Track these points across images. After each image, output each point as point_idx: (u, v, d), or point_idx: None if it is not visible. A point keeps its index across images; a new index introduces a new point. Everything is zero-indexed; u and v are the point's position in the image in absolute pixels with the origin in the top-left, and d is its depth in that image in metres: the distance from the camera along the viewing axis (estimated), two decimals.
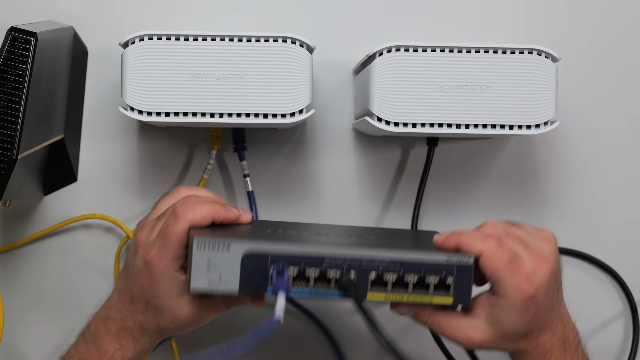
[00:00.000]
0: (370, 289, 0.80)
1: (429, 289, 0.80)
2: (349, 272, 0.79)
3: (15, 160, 0.86)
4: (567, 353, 0.85)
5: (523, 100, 0.94)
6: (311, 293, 0.80)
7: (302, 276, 0.80)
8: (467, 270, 0.80)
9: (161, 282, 0.83)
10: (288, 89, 0.92)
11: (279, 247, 0.79)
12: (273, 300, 0.78)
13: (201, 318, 0.85)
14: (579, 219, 1.08)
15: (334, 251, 0.80)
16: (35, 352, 1.06)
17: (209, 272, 0.79)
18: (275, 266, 0.79)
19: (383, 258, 0.80)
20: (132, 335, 0.86)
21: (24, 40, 0.87)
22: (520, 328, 0.82)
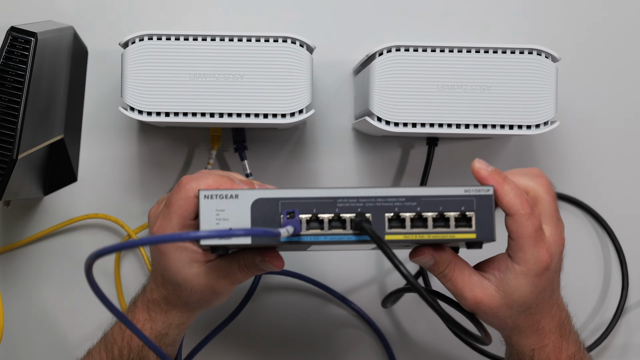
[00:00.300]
0: (388, 229, 0.77)
1: (450, 224, 0.78)
2: (364, 214, 0.77)
3: (15, 160, 0.86)
4: (563, 337, 0.85)
5: (523, 100, 0.94)
6: (327, 238, 0.77)
7: (316, 221, 0.77)
8: (488, 201, 0.77)
9: (169, 253, 0.82)
10: (288, 89, 0.92)
11: (290, 192, 0.77)
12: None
13: (219, 289, 0.83)
14: (579, 219, 1.08)
15: (346, 192, 0.77)
16: (36, 352, 1.06)
17: (218, 225, 0.76)
18: (285, 212, 0.76)
19: (398, 195, 0.77)
20: (160, 308, 0.85)
21: (24, 40, 0.87)
22: (527, 300, 0.81)
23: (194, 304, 0.85)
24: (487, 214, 0.78)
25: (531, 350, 0.84)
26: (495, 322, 0.84)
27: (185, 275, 0.82)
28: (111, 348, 0.88)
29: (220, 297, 0.86)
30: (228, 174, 0.84)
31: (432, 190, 0.78)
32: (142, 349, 0.87)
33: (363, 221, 0.76)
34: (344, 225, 0.77)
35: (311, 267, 1.07)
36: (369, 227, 0.75)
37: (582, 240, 1.08)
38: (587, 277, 1.08)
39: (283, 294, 1.07)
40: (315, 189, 0.77)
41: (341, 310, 1.08)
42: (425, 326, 1.08)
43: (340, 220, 0.77)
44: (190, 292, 0.84)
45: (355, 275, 1.07)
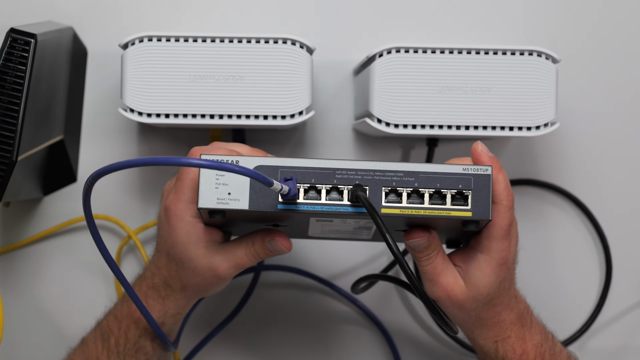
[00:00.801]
0: (385, 202, 0.78)
1: (446, 201, 0.78)
2: (361, 186, 0.78)
3: (15, 161, 0.86)
4: (525, 327, 0.86)
5: (523, 101, 0.94)
6: (323, 208, 0.78)
7: (314, 190, 0.78)
8: (485, 180, 0.78)
9: (179, 228, 0.83)
10: (288, 90, 0.92)
11: (290, 161, 0.78)
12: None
13: (221, 272, 0.84)
14: (580, 220, 1.08)
15: (345, 164, 0.78)
16: (36, 352, 1.06)
17: (217, 189, 0.77)
18: (283, 178, 0.77)
19: (397, 170, 0.78)
20: (158, 294, 0.86)
21: (23, 42, 0.87)
22: (491, 291, 0.83)
23: (192, 288, 0.85)
24: (484, 193, 0.78)
25: (494, 343, 0.86)
26: (459, 315, 0.85)
27: (190, 254, 0.83)
28: (107, 338, 0.89)
29: (219, 283, 0.86)
30: (238, 147, 0.85)
31: (431, 167, 0.78)
32: (138, 339, 0.88)
33: (359, 191, 0.77)
34: (341, 197, 0.78)
35: (314, 264, 1.07)
36: (363, 196, 0.76)
37: (577, 239, 1.08)
38: (583, 277, 1.08)
39: (285, 291, 1.07)
40: (315, 160, 0.78)
41: (344, 307, 1.08)
42: (428, 322, 1.08)
43: (338, 191, 0.78)
44: (192, 273, 0.84)
45: (359, 272, 1.07)
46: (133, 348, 0.88)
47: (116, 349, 0.88)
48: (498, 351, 0.86)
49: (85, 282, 1.06)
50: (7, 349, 1.05)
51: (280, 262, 1.07)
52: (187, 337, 1.06)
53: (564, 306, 1.08)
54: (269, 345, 1.07)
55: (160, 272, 0.86)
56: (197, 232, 0.83)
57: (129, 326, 0.88)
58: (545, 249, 1.08)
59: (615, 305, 1.08)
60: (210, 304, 1.07)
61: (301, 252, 1.07)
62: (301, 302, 1.08)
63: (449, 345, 1.08)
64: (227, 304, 1.06)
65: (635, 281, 1.08)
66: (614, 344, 1.09)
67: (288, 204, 0.78)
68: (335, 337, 1.08)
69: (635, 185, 1.08)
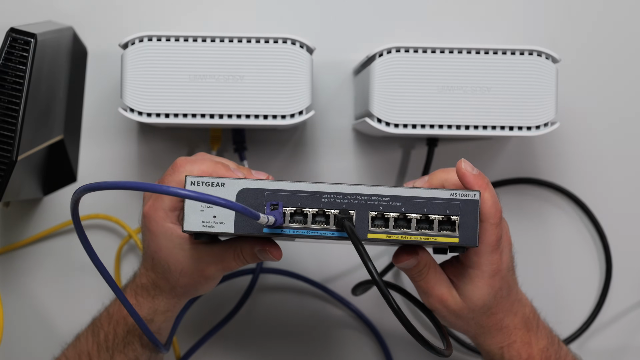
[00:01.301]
0: (371, 227, 0.77)
1: (433, 227, 0.77)
2: (347, 211, 0.77)
3: (15, 161, 0.86)
4: (531, 332, 0.86)
5: (523, 101, 0.94)
6: (309, 232, 0.77)
7: (300, 214, 0.77)
8: (473, 206, 0.77)
9: (160, 234, 0.82)
10: (288, 90, 0.92)
11: (276, 184, 0.77)
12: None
13: (209, 273, 0.83)
14: (580, 219, 1.08)
15: (332, 188, 0.77)
16: (36, 352, 1.06)
17: (203, 212, 0.77)
18: (269, 203, 0.76)
19: (384, 194, 0.77)
20: (148, 292, 0.86)
21: (23, 42, 0.87)
22: (487, 301, 0.83)
23: (181, 289, 0.85)
24: (472, 218, 0.77)
25: (500, 349, 0.86)
26: (458, 324, 0.85)
27: (176, 256, 0.82)
28: (97, 333, 0.89)
29: (208, 283, 0.85)
30: (224, 161, 0.84)
31: (418, 191, 0.77)
32: (127, 335, 0.88)
33: (344, 219, 0.76)
34: (327, 221, 0.77)
35: (310, 268, 1.07)
36: (349, 225, 0.75)
37: (576, 239, 1.08)
38: (582, 276, 1.08)
39: (281, 294, 1.07)
40: (301, 183, 0.77)
41: (339, 311, 1.08)
42: (422, 327, 1.08)
43: (324, 215, 0.77)
44: (179, 274, 0.83)
45: (354, 277, 1.07)
46: (121, 343, 0.88)
47: (105, 344, 0.88)
48: (504, 356, 0.86)
49: (84, 282, 1.06)
50: (7, 349, 1.05)
51: (276, 265, 1.07)
52: (182, 339, 1.06)
53: (563, 305, 1.08)
54: (263, 349, 1.07)
55: (148, 274, 0.86)
56: (179, 236, 0.82)
57: (118, 322, 0.88)
58: (545, 248, 1.08)
59: (615, 305, 1.08)
60: (206, 306, 1.07)
61: (297, 256, 1.07)
62: (296, 305, 1.07)
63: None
64: (222, 306, 1.06)
65: (635, 281, 1.08)
66: (614, 344, 1.09)
67: (274, 228, 0.77)
68: (329, 341, 1.08)
69: (635, 185, 1.08)
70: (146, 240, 0.84)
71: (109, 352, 0.88)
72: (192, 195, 0.67)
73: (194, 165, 0.81)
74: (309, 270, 1.07)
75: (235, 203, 0.70)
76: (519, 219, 1.06)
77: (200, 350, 1.06)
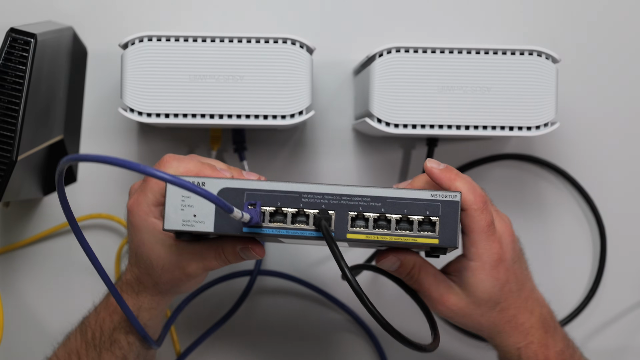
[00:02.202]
0: (351, 227, 0.77)
1: (413, 228, 0.77)
2: (327, 211, 0.77)
3: (15, 161, 0.86)
4: (549, 334, 0.84)
5: (523, 101, 0.94)
6: (288, 232, 0.77)
7: (280, 214, 0.77)
8: (453, 207, 0.77)
9: (142, 228, 0.82)
10: (288, 90, 0.92)
11: (256, 184, 0.77)
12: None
13: (190, 271, 0.83)
14: (580, 219, 1.08)
15: (312, 188, 0.77)
16: (35, 352, 1.06)
17: (183, 211, 0.77)
18: (247, 202, 0.76)
19: (363, 195, 0.77)
20: (132, 289, 0.86)
21: (23, 42, 0.87)
22: (493, 294, 0.82)
23: (164, 286, 0.85)
24: (452, 219, 0.77)
25: (517, 350, 0.85)
26: (469, 324, 0.84)
27: (159, 252, 0.83)
28: (85, 331, 0.89)
29: (191, 282, 0.85)
30: (211, 161, 0.84)
31: (399, 192, 0.77)
32: (113, 332, 0.88)
33: (321, 218, 0.76)
34: (307, 221, 0.77)
35: (306, 270, 1.07)
36: (324, 225, 0.75)
37: (577, 238, 1.08)
38: (584, 276, 1.08)
39: (277, 297, 1.07)
40: (281, 183, 0.77)
41: (336, 314, 1.08)
42: (418, 329, 1.07)
43: (305, 216, 0.77)
44: (161, 270, 0.83)
45: None
46: (108, 341, 0.88)
47: (93, 342, 0.88)
48: (521, 357, 0.85)
49: (84, 282, 1.06)
50: (7, 349, 1.05)
51: (274, 268, 1.07)
52: (180, 338, 1.06)
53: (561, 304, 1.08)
54: (259, 351, 1.07)
55: (132, 270, 0.86)
56: (162, 231, 0.82)
57: (104, 319, 0.88)
58: (545, 247, 1.08)
59: (615, 305, 1.08)
60: (204, 307, 1.07)
61: (294, 259, 1.07)
62: (293, 308, 1.07)
63: (438, 354, 1.08)
64: (220, 308, 1.06)
65: (635, 281, 1.08)
66: (613, 344, 1.09)
67: (253, 228, 0.77)
68: (325, 343, 1.08)
69: (635, 185, 1.08)
70: (130, 235, 0.85)
71: (96, 350, 0.88)
72: (167, 178, 0.67)
73: (180, 162, 0.81)
74: (305, 273, 1.07)
75: (209, 192, 0.69)
76: (522, 215, 1.06)
77: (196, 351, 1.06)
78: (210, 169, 0.82)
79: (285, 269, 1.07)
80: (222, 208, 0.71)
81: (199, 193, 0.68)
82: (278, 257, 1.07)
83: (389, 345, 1.07)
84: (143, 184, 0.83)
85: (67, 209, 0.75)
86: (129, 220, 0.83)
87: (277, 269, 1.07)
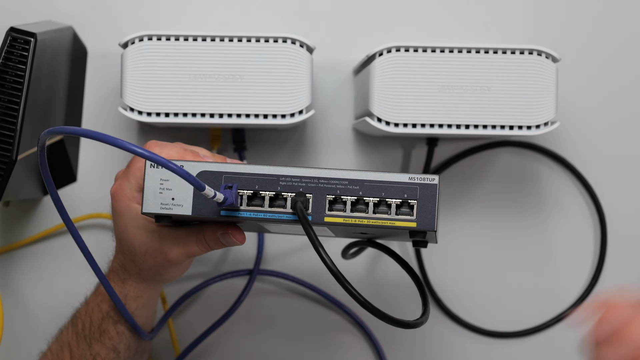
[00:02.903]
0: (328, 211, 0.77)
1: (391, 211, 0.77)
2: (304, 194, 0.77)
3: (14, 161, 0.86)
4: None
5: (523, 100, 0.94)
6: (266, 215, 0.77)
7: (258, 197, 0.77)
8: (431, 190, 0.77)
9: (125, 214, 0.83)
10: (288, 89, 0.92)
11: (234, 167, 0.77)
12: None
13: (172, 257, 0.83)
14: (573, 222, 1.08)
15: (289, 171, 0.77)
16: (35, 352, 1.06)
17: (162, 194, 0.77)
18: (224, 185, 0.76)
19: (341, 178, 0.77)
20: (118, 277, 0.87)
21: (23, 41, 0.87)
22: None
23: (148, 272, 0.86)
24: (430, 203, 0.77)
25: None
26: None
27: (141, 237, 0.83)
28: (76, 323, 0.90)
29: (172, 268, 0.85)
30: (194, 149, 0.84)
31: (376, 175, 0.77)
32: (102, 322, 0.88)
33: (298, 201, 0.76)
34: (285, 204, 0.77)
35: (305, 270, 1.07)
36: (300, 207, 0.76)
37: (579, 237, 1.08)
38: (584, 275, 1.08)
39: (276, 297, 1.07)
40: (259, 166, 0.78)
41: (334, 314, 1.07)
42: (417, 332, 1.07)
43: (282, 199, 0.77)
44: (144, 256, 0.84)
45: (351, 278, 1.07)
46: (97, 331, 0.88)
47: (83, 333, 0.89)
48: None
49: (84, 282, 1.06)
50: (7, 349, 1.05)
51: (273, 267, 1.07)
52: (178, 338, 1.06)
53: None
54: (258, 351, 1.07)
55: (117, 257, 0.87)
56: (144, 217, 0.82)
57: (93, 309, 0.89)
58: (545, 242, 1.08)
59: None
60: (202, 308, 1.07)
61: (293, 258, 1.07)
62: (291, 308, 1.07)
63: (435, 354, 1.08)
64: (219, 307, 1.06)
65: (636, 281, 1.08)
66: None
67: (230, 211, 0.77)
68: (324, 343, 1.07)
69: (636, 185, 1.08)
70: (114, 220, 0.85)
71: (86, 341, 0.88)
72: (140, 152, 0.68)
73: (163, 148, 0.82)
74: (304, 273, 1.07)
75: (180, 168, 0.70)
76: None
77: (196, 351, 1.06)
78: (193, 155, 0.83)
79: (284, 269, 1.07)
80: (194, 184, 0.72)
81: (170, 168, 0.69)
82: (277, 256, 1.07)
83: (387, 345, 1.07)
84: (126, 170, 0.83)
85: (50, 183, 0.76)
86: (113, 206, 0.84)
87: (276, 268, 1.07)
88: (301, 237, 1.04)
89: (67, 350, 0.89)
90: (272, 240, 1.07)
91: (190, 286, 1.06)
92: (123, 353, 0.89)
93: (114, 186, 0.84)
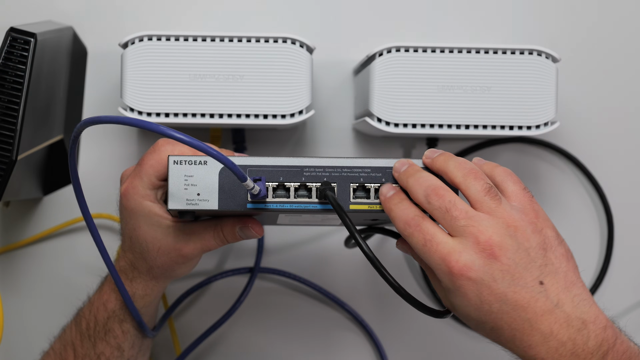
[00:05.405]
0: (353, 199, 0.78)
1: None
2: (329, 183, 0.78)
3: (14, 161, 0.86)
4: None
5: (523, 101, 0.94)
6: (292, 206, 0.78)
7: (283, 189, 0.78)
8: None
9: (138, 212, 0.83)
10: (288, 89, 0.92)
11: (258, 160, 0.78)
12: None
13: (187, 252, 0.84)
14: (579, 219, 1.08)
15: (313, 162, 0.78)
16: (35, 352, 1.06)
17: (187, 190, 0.77)
18: (253, 178, 0.77)
19: (364, 166, 0.78)
20: (126, 276, 0.87)
21: (23, 41, 0.87)
22: (472, 316, 0.70)
23: (159, 269, 0.85)
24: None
25: None
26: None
27: (154, 234, 0.83)
28: (80, 322, 0.89)
29: (186, 264, 0.85)
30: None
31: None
32: (107, 321, 0.88)
33: (327, 189, 0.77)
34: (309, 194, 0.78)
35: (306, 268, 1.07)
36: (332, 196, 0.76)
37: (582, 236, 1.08)
38: (586, 274, 1.09)
39: (277, 295, 1.07)
40: (283, 158, 0.78)
41: (336, 313, 1.08)
42: (419, 331, 1.08)
43: (306, 189, 0.78)
44: (157, 253, 0.84)
45: (351, 278, 1.07)
46: (102, 330, 0.88)
47: (87, 332, 0.89)
48: None
49: (85, 282, 1.06)
50: (7, 349, 1.05)
51: (274, 266, 1.07)
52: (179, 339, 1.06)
53: None
54: (259, 349, 1.07)
55: (126, 256, 0.86)
56: (157, 213, 0.82)
57: (98, 308, 0.88)
58: None
59: (615, 306, 1.08)
60: (202, 307, 1.07)
61: (294, 257, 1.07)
62: (293, 306, 1.07)
63: (437, 352, 1.08)
64: (219, 306, 1.06)
65: (636, 280, 1.08)
66: None
67: (257, 203, 0.78)
68: (325, 342, 1.08)
69: (636, 185, 1.08)
70: (124, 219, 0.85)
71: (91, 340, 0.88)
72: (186, 140, 0.69)
73: (175, 146, 0.82)
74: (305, 271, 1.07)
75: (226, 157, 0.71)
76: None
77: (196, 351, 1.06)
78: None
79: (285, 266, 1.07)
80: (237, 175, 0.72)
81: (215, 156, 0.70)
82: (278, 255, 1.07)
83: (388, 343, 1.07)
84: (137, 168, 0.83)
85: (75, 175, 0.76)
86: (123, 204, 0.84)
87: (277, 266, 1.07)
88: (302, 230, 1.05)
89: (71, 349, 0.89)
90: (271, 235, 1.07)
91: (191, 284, 1.06)
92: (127, 351, 0.89)
93: (125, 185, 0.83)
